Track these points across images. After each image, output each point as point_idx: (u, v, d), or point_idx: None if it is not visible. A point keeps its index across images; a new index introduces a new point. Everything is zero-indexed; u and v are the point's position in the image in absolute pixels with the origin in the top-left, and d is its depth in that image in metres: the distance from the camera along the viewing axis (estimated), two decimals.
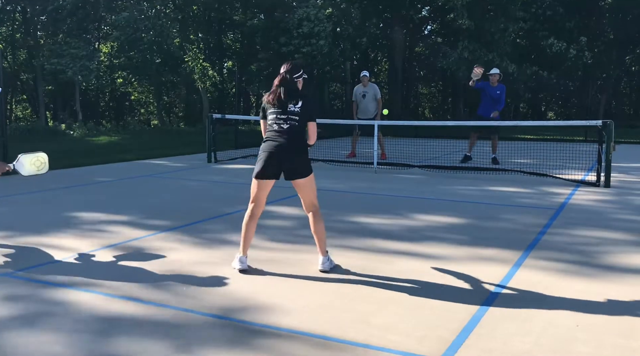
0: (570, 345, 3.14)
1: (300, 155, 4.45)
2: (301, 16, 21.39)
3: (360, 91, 12.53)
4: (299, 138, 4.47)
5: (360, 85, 12.60)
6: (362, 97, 12.45)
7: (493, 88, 11.53)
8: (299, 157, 4.45)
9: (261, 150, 4.54)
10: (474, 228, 6.00)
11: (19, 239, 5.49)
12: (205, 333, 3.31)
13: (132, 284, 4.17)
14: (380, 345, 3.15)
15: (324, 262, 4.48)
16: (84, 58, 21.95)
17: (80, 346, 3.13)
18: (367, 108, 12.44)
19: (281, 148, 4.41)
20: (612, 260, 4.78)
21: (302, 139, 4.50)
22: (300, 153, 4.46)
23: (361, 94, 12.49)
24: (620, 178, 9.62)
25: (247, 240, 4.54)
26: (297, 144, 4.45)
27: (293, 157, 4.43)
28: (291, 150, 4.42)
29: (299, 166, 4.44)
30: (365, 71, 12.74)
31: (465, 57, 21.35)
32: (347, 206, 7.14)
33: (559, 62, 24.16)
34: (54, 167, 10.84)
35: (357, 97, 12.56)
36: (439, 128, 18.53)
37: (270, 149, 4.44)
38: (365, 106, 12.46)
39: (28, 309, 3.68)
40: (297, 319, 3.51)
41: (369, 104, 12.41)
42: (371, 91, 12.44)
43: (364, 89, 12.47)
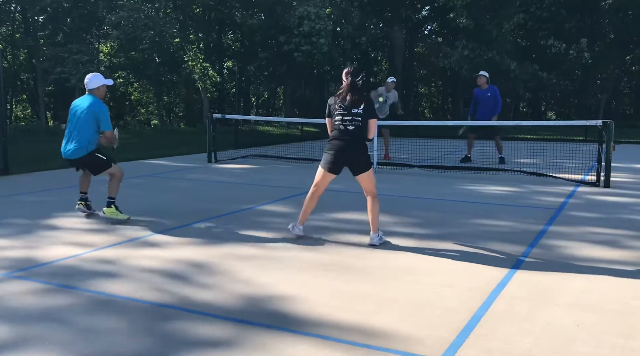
0: (570, 345, 3.14)
1: (363, 154, 5.21)
2: (301, 14, 21.38)
3: (384, 95, 12.48)
4: (361, 138, 5.18)
5: (385, 88, 12.53)
6: (384, 101, 12.43)
7: (484, 91, 11.63)
8: (363, 155, 5.20)
9: (329, 148, 5.26)
10: (474, 228, 6.00)
11: (19, 239, 5.49)
12: (205, 333, 3.31)
13: (132, 284, 4.17)
14: (380, 344, 3.15)
15: (372, 237, 5.25)
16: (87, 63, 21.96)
17: (81, 347, 3.13)
18: (383, 111, 12.46)
19: (347, 149, 5.15)
20: (612, 260, 4.78)
21: (363, 139, 5.20)
22: (364, 152, 5.21)
23: (384, 97, 12.45)
24: (620, 178, 9.62)
25: (305, 213, 5.45)
26: (360, 143, 5.18)
27: (358, 156, 5.17)
28: (356, 150, 5.16)
29: (362, 163, 5.19)
30: (393, 77, 12.72)
31: (466, 54, 21.35)
32: (346, 205, 7.14)
33: (559, 62, 24.16)
34: (54, 167, 10.86)
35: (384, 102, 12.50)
36: (439, 128, 18.53)
37: (338, 148, 5.18)
38: (383, 108, 12.47)
39: (28, 309, 3.68)
40: (296, 318, 3.51)
41: (387, 107, 12.45)
42: (392, 97, 12.54)
43: (387, 93, 12.46)
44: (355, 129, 5.14)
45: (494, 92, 11.62)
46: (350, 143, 5.15)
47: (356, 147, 5.16)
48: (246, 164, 11.93)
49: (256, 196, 7.90)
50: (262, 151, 13.41)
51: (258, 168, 11.31)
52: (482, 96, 11.65)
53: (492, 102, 11.56)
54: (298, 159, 12.05)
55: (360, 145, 5.18)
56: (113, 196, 6.23)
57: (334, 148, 5.20)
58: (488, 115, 11.55)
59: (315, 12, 21.32)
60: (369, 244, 5.23)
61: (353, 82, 5.15)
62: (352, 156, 5.18)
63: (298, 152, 12.90)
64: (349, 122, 5.13)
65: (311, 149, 13.40)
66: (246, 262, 4.72)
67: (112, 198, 6.22)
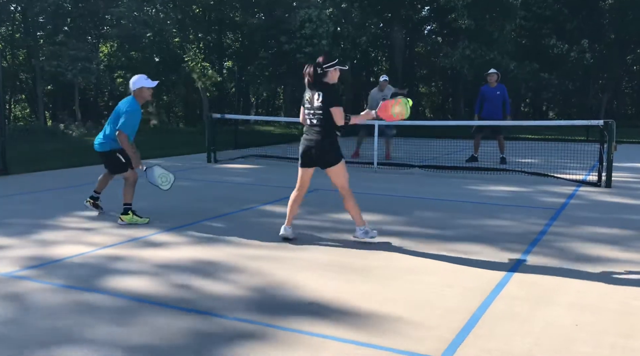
0: (570, 345, 3.13)
1: (330, 147, 5.08)
2: (303, 17, 21.37)
3: (380, 96, 12.49)
4: (325, 132, 5.05)
5: (377, 89, 12.55)
6: (382, 100, 12.38)
7: (492, 89, 11.59)
8: (329, 149, 5.08)
9: (300, 143, 5.27)
10: (474, 228, 5.98)
11: (19, 239, 5.48)
12: (205, 332, 3.30)
13: (133, 284, 4.15)
14: (380, 344, 3.13)
15: (357, 231, 5.27)
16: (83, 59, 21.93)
17: (80, 346, 3.11)
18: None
19: (312, 143, 5.10)
20: (612, 260, 4.77)
21: (328, 132, 5.05)
22: (330, 146, 5.08)
23: (381, 98, 12.41)
24: (622, 178, 9.60)
25: (292, 213, 5.37)
26: (324, 137, 5.06)
27: (323, 150, 5.08)
28: (320, 144, 5.07)
29: (329, 157, 5.10)
30: (385, 76, 12.72)
31: (467, 54, 21.33)
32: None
33: (560, 62, 24.14)
34: (54, 167, 10.85)
35: (377, 102, 12.49)
36: (439, 128, 18.50)
37: (304, 143, 5.18)
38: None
39: (29, 309, 3.66)
40: (296, 318, 3.50)
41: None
42: (389, 94, 12.46)
43: (383, 93, 12.47)
44: (318, 123, 5.06)
45: (503, 90, 11.57)
46: (314, 138, 5.10)
47: (320, 141, 5.07)
48: (246, 164, 11.92)
49: (256, 196, 7.89)
50: (262, 151, 13.39)
51: (258, 168, 11.30)
52: (491, 94, 11.58)
53: (500, 101, 11.51)
54: (298, 159, 12.01)
55: (323, 139, 5.06)
56: (129, 202, 6.14)
57: (302, 142, 5.23)
58: (494, 113, 11.49)
59: (317, 14, 21.30)
60: (353, 237, 5.29)
61: (318, 63, 5.00)
62: (317, 150, 5.12)
63: (298, 152, 12.86)
64: (312, 116, 5.10)
65: None
66: (246, 262, 4.70)
67: (128, 204, 6.13)
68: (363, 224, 5.31)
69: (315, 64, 4.99)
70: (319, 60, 5.00)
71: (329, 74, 5.00)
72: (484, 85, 11.89)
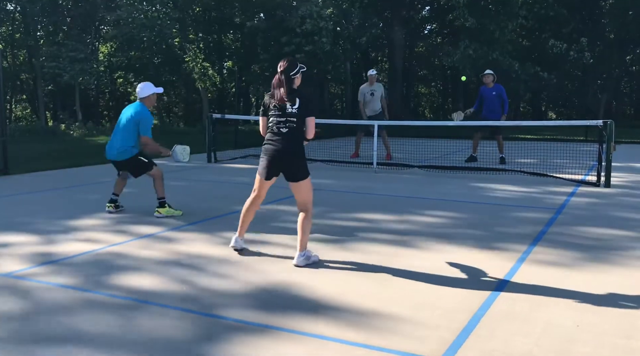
0: (570, 345, 3.14)
1: (300, 159, 4.65)
2: (304, 13, 21.36)
3: (368, 90, 12.51)
4: (297, 141, 4.64)
5: (367, 84, 12.58)
6: (370, 96, 12.43)
7: (489, 90, 11.65)
8: (299, 161, 4.65)
9: (263, 152, 4.76)
10: (473, 228, 5.99)
11: (19, 239, 5.49)
12: (205, 332, 3.31)
13: (133, 284, 4.16)
14: (380, 345, 3.14)
15: (297, 257, 4.62)
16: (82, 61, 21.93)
17: (81, 347, 3.12)
18: (375, 106, 12.44)
19: (280, 153, 4.63)
20: (613, 260, 4.77)
21: (299, 142, 4.67)
22: (300, 157, 4.66)
23: (369, 93, 12.46)
24: (621, 178, 9.61)
25: (245, 224, 4.97)
26: (295, 147, 4.63)
27: (293, 162, 4.65)
28: (290, 155, 4.63)
29: (298, 169, 4.66)
30: (372, 70, 12.73)
31: (469, 54, 21.31)
32: (346, 206, 7.13)
33: (560, 62, 24.15)
34: (54, 167, 10.86)
35: (365, 96, 12.53)
36: (439, 128, 18.52)
37: (271, 153, 4.67)
38: (373, 104, 12.45)
39: (29, 309, 3.67)
40: (296, 319, 3.51)
41: (377, 102, 12.44)
42: (378, 90, 12.48)
43: (372, 87, 12.46)
44: (289, 131, 4.57)
45: (500, 91, 11.61)
46: (284, 148, 4.58)
47: (290, 151, 4.59)
48: (246, 164, 11.92)
49: None
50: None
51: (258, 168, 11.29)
52: (487, 94, 11.65)
53: (497, 101, 11.55)
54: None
55: (295, 149, 4.60)
56: (162, 196, 6.54)
57: (267, 153, 4.67)
58: (492, 114, 11.53)
59: (317, 10, 21.31)
60: (294, 264, 4.60)
61: (286, 75, 4.58)
62: (285, 161, 4.64)
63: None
64: (283, 124, 4.58)
65: (311, 149, 13.39)
66: (245, 262, 4.71)
67: (162, 198, 6.54)
68: (304, 249, 4.65)
69: (280, 72, 4.60)
70: (283, 68, 4.60)
71: (295, 79, 4.66)
72: (483, 86, 11.95)
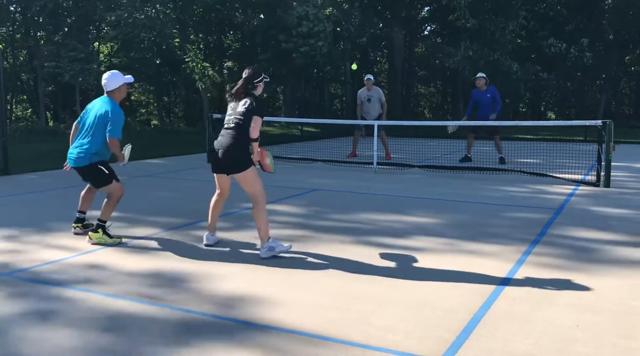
0: (570, 345, 3.15)
1: (237, 153, 4.82)
2: (300, 14, 21.35)
3: (365, 95, 12.57)
4: (236, 137, 4.81)
5: (364, 89, 12.62)
6: (367, 101, 12.51)
7: (483, 92, 11.72)
8: (236, 155, 4.81)
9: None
10: (473, 228, 6.00)
11: (20, 239, 5.49)
12: (205, 332, 3.31)
13: (133, 284, 4.17)
14: (380, 345, 3.15)
15: (261, 249, 4.84)
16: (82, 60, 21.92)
17: (82, 347, 3.13)
18: (371, 111, 12.51)
19: (220, 147, 4.84)
20: (612, 260, 4.78)
21: (240, 138, 4.82)
22: (238, 152, 4.82)
23: (366, 98, 12.54)
24: (620, 178, 9.62)
25: (213, 220, 5.21)
26: (234, 143, 4.80)
27: (229, 156, 4.82)
28: (227, 149, 4.81)
29: (235, 163, 4.82)
30: (369, 75, 12.77)
31: (469, 55, 21.32)
32: (346, 206, 7.14)
33: (559, 62, 24.16)
34: (54, 167, 10.85)
35: (362, 101, 12.59)
36: (439, 128, 18.51)
37: (215, 147, 4.90)
38: (369, 109, 12.53)
39: (30, 309, 3.68)
40: (297, 318, 3.51)
41: (374, 106, 12.49)
42: (376, 95, 12.56)
43: (369, 93, 12.53)
44: (234, 127, 4.82)
45: (493, 92, 11.69)
46: (224, 142, 4.81)
47: (228, 146, 4.78)
48: None
49: None
50: None
51: (257, 168, 11.28)
52: (482, 97, 11.73)
53: (492, 103, 11.62)
54: (298, 159, 12.04)
55: (233, 144, 4.77)
56: (104, 219, 5.41)
57: (214, 145, 4.91)
58: (487, 116, 11.60)
59: (314, 13, 21.28)
60: (261, 256, 4.78)
61: (247, 78, 4.93)
62: (223, 155, 4.82)
63: (298, 152, 12.90)
64: (231, 121, 4.86)
65: (311, 149, 13.41)
66: (245, 262, 4.72)
67: (103, 221, 5.41)
68: (268, 240, 4.82)
69: (245, 79, 4.93)
70: (248, 76, 4.94)
71: (258, 87, 4.97)
72: (475, 90, 12.01)
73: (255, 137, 4.83)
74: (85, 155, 5.35)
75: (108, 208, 5.45)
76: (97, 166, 5.41)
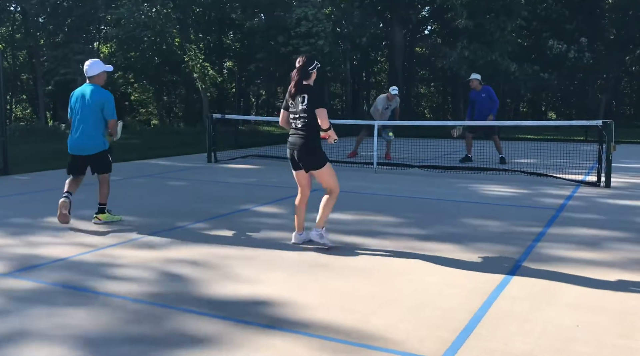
0: (571, 345, 3.14)
1: (313, 151, 5.02)
2: (299, 15, 21.34)
3: (386, 105, 12.66)
4: (310, 135, 4.99)
5: (386, 97, 12.64)
6: (385, 109, 12.63)
7: (478, 92, 11.78)
8: (312, 153, 5.03)
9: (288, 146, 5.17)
10: (473, 228, 5.99)
11: (20, 239, 5.48)
12: (205, 332, 3.31)
13: (133, 284, 4.16)
14: (380, 345, 3.14)
15: (314, 231, 5.08)
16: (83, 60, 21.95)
17: (80, 347, 3.12)
18: (387, 118, 12.76)
19: (296, 146, 5.04)
20: (612, 260, 4.78)
21: (312, 135, 5.00)
22: (313, 149, 5.02)
23: (384, 107, 12.64)
24: (621, 178, 9.62)
25: (300, 218, 5.24)
26: (308, 140, 5.00)
27: (307, 154, 5.02)
28: (303, 148, 5.01)
29: (313, 160, 5.04)
30: (394, 88, 12.77)
31: (465, 56, 21.31)
32: (346, 206, 7.13)
33: (560, 62, 24.15)
34: (54, 167, 10.85)
35: (380, 109, 12.58)
36: (439, 128, 18.52)
37: (290, 146, 5.11)
38: (386, 116, 12.72)
39: (30, 308, 3.67)
40: (297, 319, 3.51)
41: (387, 114, 12.78)
42: (394, 105, 12.79)
43: (389, 102, 12.64)
44: (301, 128, 5.01)
45: (489, 92, 11.74)
46: (296, 143, 5.03)
47: (301, 146, 5.00)
48: (246, 164, 11.93)
49: (256, 196, 7.90)
50: (262, 151, 13.41)
51: (258, 168, 11.31)
52: (478, 98, 11.83)
53: (488, 103, 11.65)
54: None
55: (305, 144, 4.99)
56: (104, 202, 6.12)
57: (288, 146, 5.15)
58: (485, 116, 11.62)
59: (314, 13, 21.25)
60: (309, 240, 5.18)
61: (302, 70, 5.00)
62: (298, 155, 5.06)
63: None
64: (297, 120, 5.04)
65: None
66: (246, 262, 4.72)
67: (104, 204, 6.12)
68: (322, 227, 5.12)
69: (299, 67, 4.99)
70: (302, 64, 5.00)
71: (312, 74, 5.06)
72: (471, 91, 12.08)
73: (326, 127, 4.95)
74: (98, 143, 5.95)
75: (105, 191, 6.12)
76: (107, 154, 6.08)
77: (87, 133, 5.89)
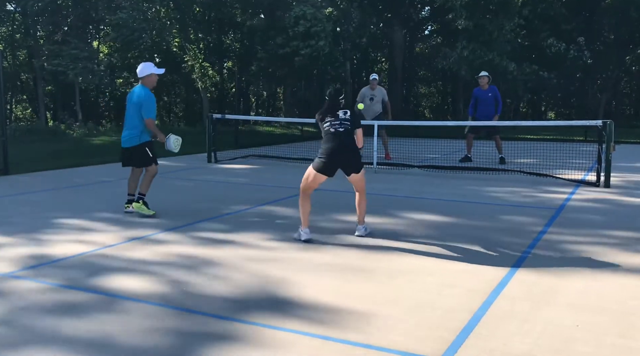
0: (570, 345, 3.15)
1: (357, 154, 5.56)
2: (297, 14, 21.30)
3: (369, 94, 12.59)
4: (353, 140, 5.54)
5: (368, 88, 12.63)
6: (369, 100, 12.53)
7: (484, 91, 11.75)
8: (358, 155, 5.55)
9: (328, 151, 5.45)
10: (473, 228, 6.00)
11: (20, 239, 5.49)
12: (205, 332, 3.31)
13: (132, 284, 4.17)
14: (380, 345, 3.15)
15: (359, 229, 5.66)
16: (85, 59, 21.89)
17: (80, 347, 3.13)
18: (375, 109, 12.50)
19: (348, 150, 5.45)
20: (612, 260, 4.78)
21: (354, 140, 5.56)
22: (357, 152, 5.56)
23: (369, 97, 12.55)
24: (620, 178, 9.62)
25: (305, 215, 5.47)
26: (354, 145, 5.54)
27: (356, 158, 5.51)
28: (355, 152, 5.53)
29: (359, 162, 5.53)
30: (374, 74, 12.79)
31: (465, 56, 21.30)
32: (346, 205, 7.13)
33: (559, 62, 24.14)
34: (54, 167, 10.86)
35: (364, 100, 12.56)
36: (439, 128, 18.52)
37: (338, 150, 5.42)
38: (373, 108, 12.52)
39: (22, 308, 3.68)
40: (297, 319, 3.52)
41: (376, 105, 12.51)
42: (379, 95, 12.60)
43: (372, 92, 12.55)
44: (344, 132, 5.46)
45: (495, 92, 11.71)
46: (348, 144, 5.46)
47: (354, 148, 5.51)
48: (246, 164, 11.93)
49: (256, 196, 7.90)
50: (262, 151, 13.41)
51: (258, 168, 11.31)
52: (483, 96, 11.76)
53: (492, 102, 11.64)
54: (298, 159, 12.04)
55: (354, 146, 5.52)
56: (144, 192, 6.52)
57: (332, 150, 5.44)
58: (488, 115, 11.61)
59: (312, 12, 21.21)
60: (356, 235, 5.59)
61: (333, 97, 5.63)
62: (353, 157, 5.50)
63: (298, 152, 12.90)
64: (340, 125, 5.47)
65: (311, 149, 13.37)
66: (246, 262, 4.72)
67: (143, 194, 6.52)
68: (364, 223, 5.69)
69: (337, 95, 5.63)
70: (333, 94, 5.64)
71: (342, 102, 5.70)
72: (476, 88, 12.03)
73: (361, 146, 5.62)
74: (133, 136, 6.44)
75: (147, 183, 6.53)
76: (145, 148, 6.48)
77: (127, 128, 6.50)
